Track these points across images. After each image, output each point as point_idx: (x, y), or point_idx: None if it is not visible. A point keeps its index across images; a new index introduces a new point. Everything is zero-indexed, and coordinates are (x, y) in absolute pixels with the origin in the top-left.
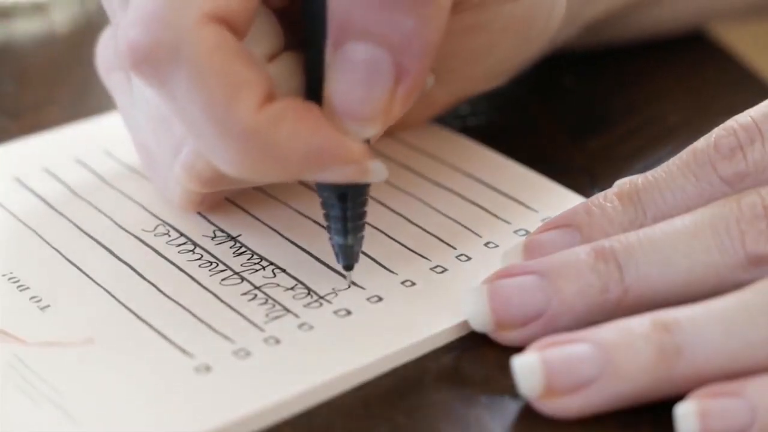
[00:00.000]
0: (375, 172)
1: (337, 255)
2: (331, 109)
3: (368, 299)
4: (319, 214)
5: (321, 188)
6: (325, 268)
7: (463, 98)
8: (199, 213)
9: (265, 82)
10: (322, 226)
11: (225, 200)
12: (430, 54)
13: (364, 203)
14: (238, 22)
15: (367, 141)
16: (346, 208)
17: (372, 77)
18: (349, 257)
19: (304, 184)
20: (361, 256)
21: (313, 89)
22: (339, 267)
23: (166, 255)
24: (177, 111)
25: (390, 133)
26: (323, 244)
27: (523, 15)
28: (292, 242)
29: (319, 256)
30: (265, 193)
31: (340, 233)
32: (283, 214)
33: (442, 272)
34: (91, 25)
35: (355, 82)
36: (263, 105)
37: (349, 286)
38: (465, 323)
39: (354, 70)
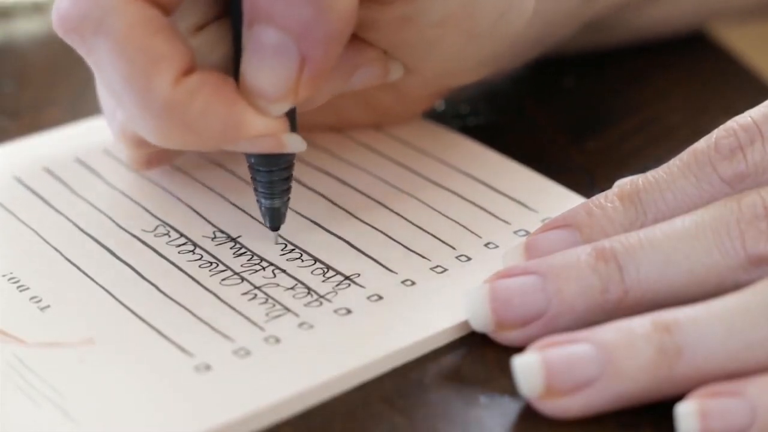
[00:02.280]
0: (291, 143)
1: (264, 216)
2: (243, 85)
3: (368, 298)
4: (319, 214)
5: (247, 154)
6: (326, 268)
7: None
8: (198, 213)
9: (185, 56)
10: (323, 228)
11: (225, 201)
12: (332, 42)
13: (289, 167)
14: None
15: (291, 114)
16: (272, 172)
17: (277, 60)
18: (275, 219)
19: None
20: (361, 254)
21: (237, 61)
22: (339, 267)
23: (166, 255)
24: (103, 80)
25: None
26: (324, 245)
27: (460, 10)
28: (292, 243)
29: (319, 257)
30: None
31: (267, 197)
32: None
33: (442, 272)
34: None
35: (263, 63)
36: (180, 78)
37: (276, 243)
38: (465, 323)
39: (262, 51)
